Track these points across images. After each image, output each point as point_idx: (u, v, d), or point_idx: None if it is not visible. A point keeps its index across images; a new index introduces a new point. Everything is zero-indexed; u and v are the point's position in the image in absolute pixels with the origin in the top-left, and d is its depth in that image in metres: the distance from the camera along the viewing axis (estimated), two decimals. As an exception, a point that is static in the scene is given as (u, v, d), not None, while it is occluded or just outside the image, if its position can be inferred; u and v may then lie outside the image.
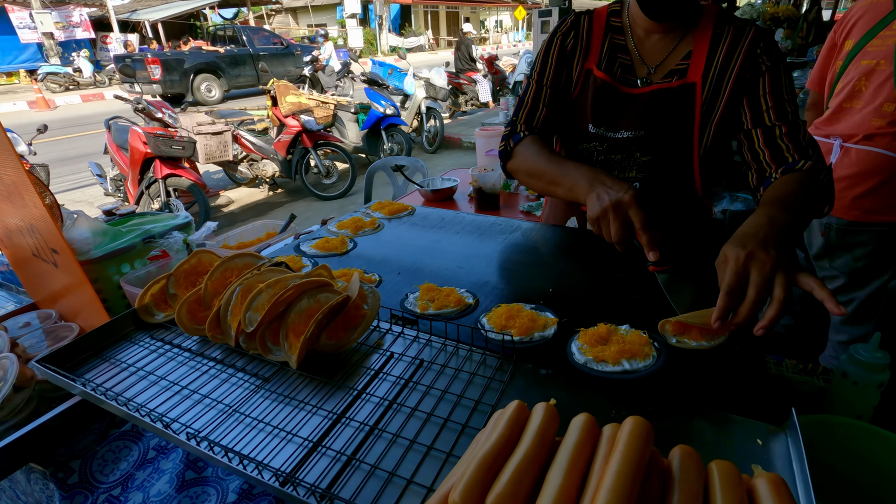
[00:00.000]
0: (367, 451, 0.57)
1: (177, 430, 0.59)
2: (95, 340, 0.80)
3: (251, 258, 0.87)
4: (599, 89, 1.15)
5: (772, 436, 0.56)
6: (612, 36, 1.17)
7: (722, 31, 1.08)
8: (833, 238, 1.70)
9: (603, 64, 1.16)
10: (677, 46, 1.11)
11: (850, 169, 1.61)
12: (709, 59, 1.08)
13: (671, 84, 1.10)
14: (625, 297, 0.89)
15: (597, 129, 1.17)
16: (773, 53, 1.04)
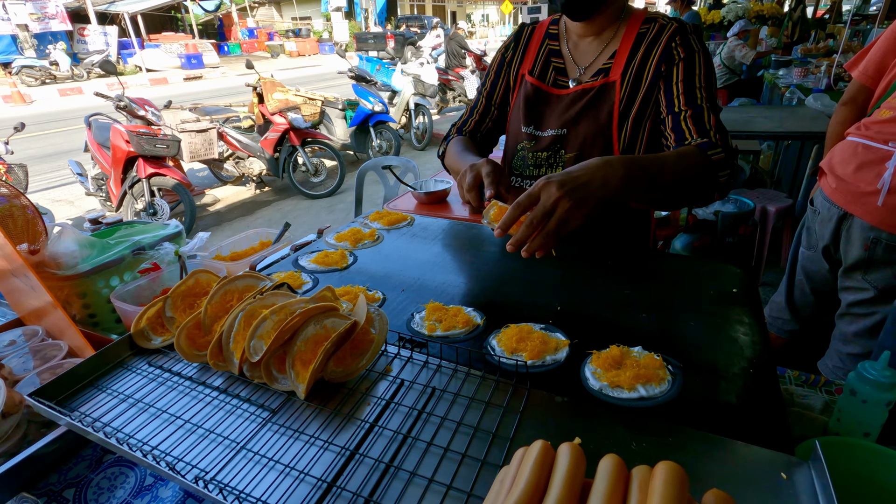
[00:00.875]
0: (384, 491, 0.55)
1: (182, 471, 0.57)
2: (90, 369, 0.76)
3: (252, 279, 0.84)
4: (529, 92, 1.26)
5: (795, 467, 0.56)
6: (549, 42, 1.27)
7: (647, 28, 1.13)
8: (879, 253, 1.60)
9: (536, 69, 1.27)
10: (605, 47, 1.19)
11: None
12: (630, 57, 1.14)
13: (594, 83, 1.17)
14: (634, 316, 0.88)
15: (527, 129, 1.27)
16: (687, 45, 1.09)
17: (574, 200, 0.77)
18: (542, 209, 0.76)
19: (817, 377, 1.06)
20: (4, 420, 0.91)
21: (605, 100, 1.15)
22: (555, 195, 0.76)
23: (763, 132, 3.08)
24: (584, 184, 0.79)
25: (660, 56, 1.10)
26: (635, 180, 0.85)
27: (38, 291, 0.97)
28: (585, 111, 1.18)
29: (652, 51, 1.11)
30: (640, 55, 1.12)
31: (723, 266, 1.03)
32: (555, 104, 1.23)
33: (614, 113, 1.14)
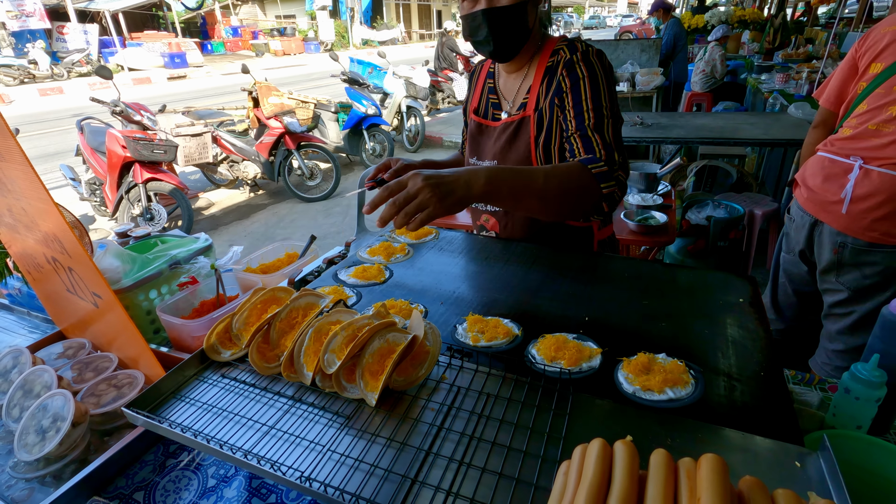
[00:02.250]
0: (461, 484, 0.64)
1: (288, 475, 0.65)
2: (172, 382, 0.83)
3: (312, 297, 0.92)
4: (473, 128, 1.43)
5: (806, 457, 0.66)
6: (488, 80, 1.43)
7: (553, 61, 1.24)
8: (846, 256, 1.75)
9: (480, 106, 1.43)
10: (523, 82, 1.31)
11: (871, 190, 1.65)
12: (539, 91, 1.25)
13: (514, 118, 1.30)
14: (655, 325, 0.98)
15: (472, 159, 1.44)
16: (573, 74, 1.18)
17: (435, 192, 0.87)
18: (405, 193, 0.87)
19: (812, 376, 1.18)
20: (74, 429, 0.97)
21: (523, 132, 1.28)
22: (420, 184, 0.87)
23: (749, 139, 3.23)
24: (447, 182, 0.90)
25: (554, 89, 1.21)
26: (499, 187, 0.96)
27: (104, 311, 1.03)
28: (509, 143, 1.31)
29: (550, 84, 1.23)
30: (545, 88, 1.24)
31: (730, 277, 1.14)
32: (488, 136, 1.38)
33: (531, 144, 1.27)
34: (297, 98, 6.15)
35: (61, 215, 0.88)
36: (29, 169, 0.86)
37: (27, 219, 1.01)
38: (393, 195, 0.88)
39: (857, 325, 1.81)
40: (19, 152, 0.85)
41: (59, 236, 0.93)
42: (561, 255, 1.28)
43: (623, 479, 0.54)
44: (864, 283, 1.75)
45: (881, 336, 0.94)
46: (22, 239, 1.13)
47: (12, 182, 0.96)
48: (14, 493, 0.93)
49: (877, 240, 1.67)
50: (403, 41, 32.04)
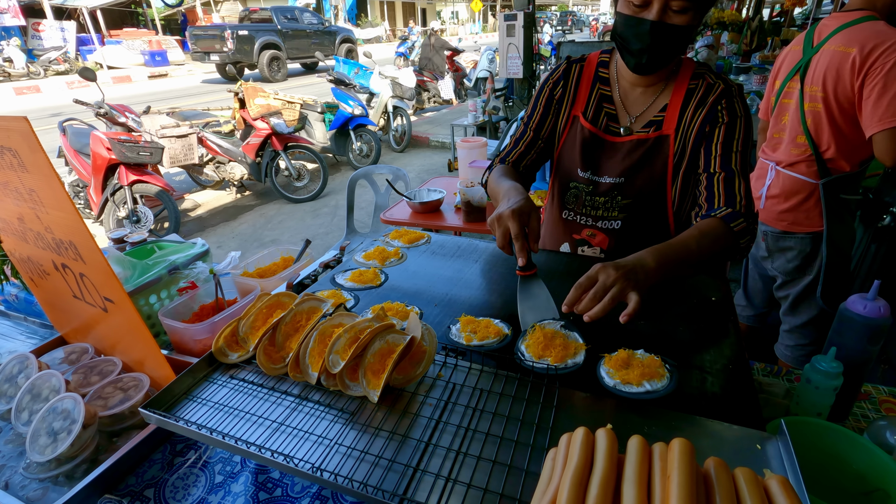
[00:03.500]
0: (458, 472, 0.70)
1: (300, 466, 0.71)
2: (183, 383, 0.88)
3: (314, 302, 0.97)
4: (586, 137, 1.31)
5: (766, 441, 0.74)
6: (600, 86, 1.32)
7: (696, 85, 1.22)
8: (770, 243, 2.06)
9: (590, 113, 1.32)
10: (656, 99, 1.26)
11: (779, 189, 1.97)
12: (681, 112, 1.22)
13: (648, 135, 1.25)
14: (634, 323, 1.05)
15: (584, 174, 1.34)
16: (732, 110, 1.18)
17: (630, 280, 0.91)
18: (602, 286, 0.90)
19: (780, 368, 1.27)
20: (84, 431, 1.01)
21: (661, 152, 1.23)
22: (613, 275, 0.90)
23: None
24: (632, 268, 0.93)
25: (705, 115, 1.18)
26: (669, 267, 0.99)
27: (113, 315, 1.07)
28: (643, 162, 1.25)
29: (699, 109, 1.19)
30: (689, 112, 1.20)
31: (702, 277, 1.22)
32: (611, 151, 1.29)
33: (668, 165, 1.23)
34: (284, 98, 6.15)
35: (83, 224, 0.92)
36: (55, 181, 0.90)
37: (40, 226, 1.05)
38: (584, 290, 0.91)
39: (793, 305, 2.07)
40: (47, 164, 0.90)
41: (76, 243, 0.97)
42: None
43: (604, 462, 0.61)
44: (789, 266, 2.02)
45: (838, 330, 1.03)
46: (29, 246, 1.16)
47: (32, 192, 1.00)
48: (28, 492, 0.97)
49: (786, 228, 1.98)
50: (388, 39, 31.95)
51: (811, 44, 1.87)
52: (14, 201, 1.08)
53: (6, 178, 1.04)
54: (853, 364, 1.01)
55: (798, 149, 1.90)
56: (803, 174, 1.90)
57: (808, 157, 1.87)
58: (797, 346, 2.11)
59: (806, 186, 1.90)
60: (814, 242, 1.94)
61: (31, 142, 0.88)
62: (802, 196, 1.91)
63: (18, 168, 0.97)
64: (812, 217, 1.92)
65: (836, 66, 1.73)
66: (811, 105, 1.84)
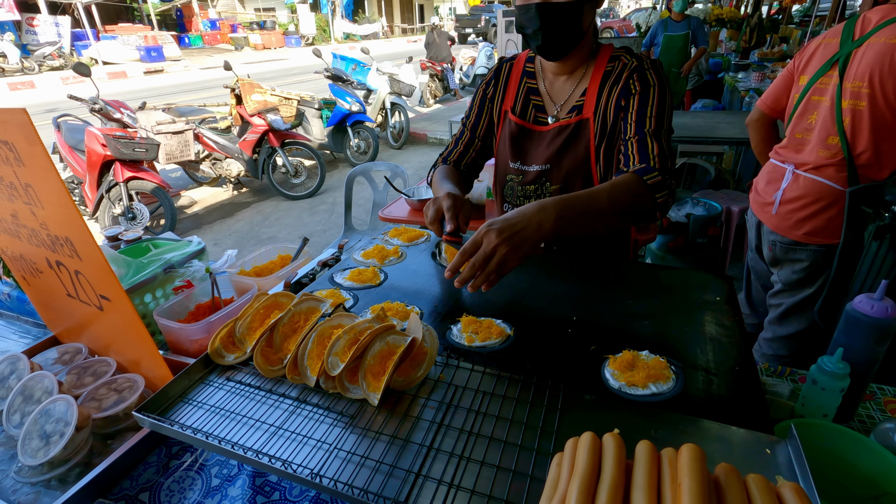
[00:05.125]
0: (461, 477, 0.69)
1: (299, 472, 0.69)
2: (179, 386, 0.86)
3: (313, 302, 0.95)
4: (514, 130, 1.38)
5: (775, 444, 0.72)
6: (527, 80, 1.39)
7: (613, 66, 1.26)
8: (778, 253, 1.94)
9: (518, 107, 1.38)
10: (577, 85, 1.30)
11: (798, 193, 1.82)
12: (599, 95, 1.26)
13: (570, 120, 1.29)
14: (638, 324, 1.04)
15: (514, 164, 1.39)
16: (644, 80, 1.21)
17: (511, 246, 0.89)
18: (482, 254, 0.89)
19: (783, 368, 1.26)
20: (78, 433, 0.99)
21: (582, 136, 1.28)
22: (494, 242, 0.88)
23: (727, 138, 3.33)
24: (520, 230, 0.91)
25: (620, 91, 1.23)
26: (569, 219, 0.97)
27: (108, 313, 1.05)
28: (565, 147, 1.30)
29: (614, 87, 1.24)
30: (605, 92, 1.25)
31: (708, 277, 1.21)
32: (537, 140, 1.35)
33: (591, 147, 1.27)
34: (281, 95, 6.10)
35: (81, 219, 0.90)
36: (53, 174, 0.88)
37: (35, 223, 1.02)
38: (469, 256, 0.89)
39: (784, 315, 1.99)
40: (45, 158, 0.87)
41: (73, 239, 0.95)
42: (547, 258, 1.33)
43: (612, 468, 0.59)
44: (793, 277, 1.92)
45: (845, 330, 1.01)
46: (22, 244, 1.13)
47: (28, 187, 0.97)
48: (21, 497, 0.95)
49: (800, 239, 1.84)
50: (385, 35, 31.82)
51: (851, 37, 1.70)
52: (8, 197, 1.06)
53: (1, 172, 1.01)
54: (859, 365, 1.00)
55: (828, 151, 1.73)
56: (831, 179, 1.73)
57: (838, 161, 1.70)
58: (773, 357, 2.04)
59: (831, 193, 1.74)
60: (825, 256, 1.81)
61: (28, 134, 0.86)
62: (825, 203, 1.76)
63: (14, 162, 0.95)
64: (831, 228, 1.77)
65: (887, 59, 1.57)
66: (852, 102, 1.66)
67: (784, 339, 2.01)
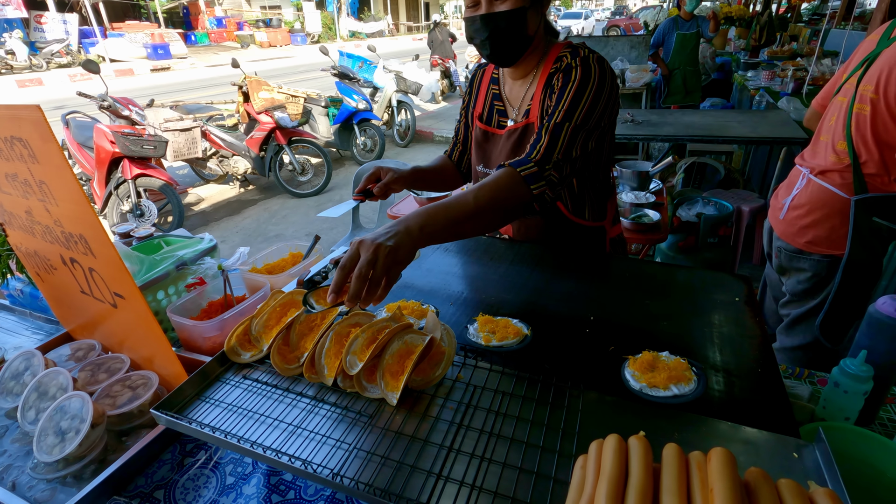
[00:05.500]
0: (483, 479, 0.68)
1: (320, 472, 0.68)
2: (195, 384, 0.86)
3: (329, 300, 0.94)
4: (479, 135, 1.44)
5: (802, 448, 0.71)
6: (492, 86, 1.43)
7: (557, 67, 1.24)
8: (783, 260, 1.87)
9: (485, 113, 1.43)
10: (528, 89, 1.32)
11: (805, 199, 1.75)
12: (543, 97, 1.27)
13: (519, 124, 1.32)
14: (656, 324, 1.02)
15: (479, 167, 1.45)
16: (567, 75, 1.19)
17: (389, 249, 0.83)
18: (365, 260, 0.81)
19: (802, 370, 1.24)
20: (93, 430, 0.99)
21: (527, 139, 1.29)
22: (371, 246, 0.82)
23: (738, 137, 3.30)
24: (392, 235, 0.86)
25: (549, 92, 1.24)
26: (436, 224, 0.94)
27: (123, 311, 1.05)
28: (514, 150, 1.32)
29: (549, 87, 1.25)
30: (547, 93, 1.25)
31: (726, 276, 1.19)
32: (494, 143, 1.40)
33: None
34: (288, 92, 6.10)
35: (95, 216, 0.89)
36: (67, 171, 0.87)
37: (49, 220, 1.02)
38: (349, 271, 0.82)
39: (790, 325, 1.92)
40: (59, 155, 0.86)
41: (87, 237, 0.95)
42: (562, 256, 1.32)
43: (640, 472, 0.58)
44: (798, 287, 1.85)
45: (867, 333, 1.00)
46: (36, 240, 1.13)
47: (42, 184, 0.97)
48: (36, 493, 0.95)
49: (803, 247, 1.77)
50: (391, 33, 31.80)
51: (888, 35, 1.61)
52: (22, 194, 1.05)
53: (15, 168, 1.01)
54: (882, 367, 0.98)
55: (836, 156, 1.66)
56: (836, 186, 1.65)
57: (844, 167, 1.63)
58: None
59: (835, 200, 1.66)
60: (830, 268, 1.72)
61: (43, 131, 0.85)
62: (828, 211, 1.68)
63: (29, 159, 0.94)
64: (834, 239, 1.68)
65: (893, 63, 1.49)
66: (859, 107, 1.59)
67: (790, 351, 1.94)
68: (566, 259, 1.31)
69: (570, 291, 1.15)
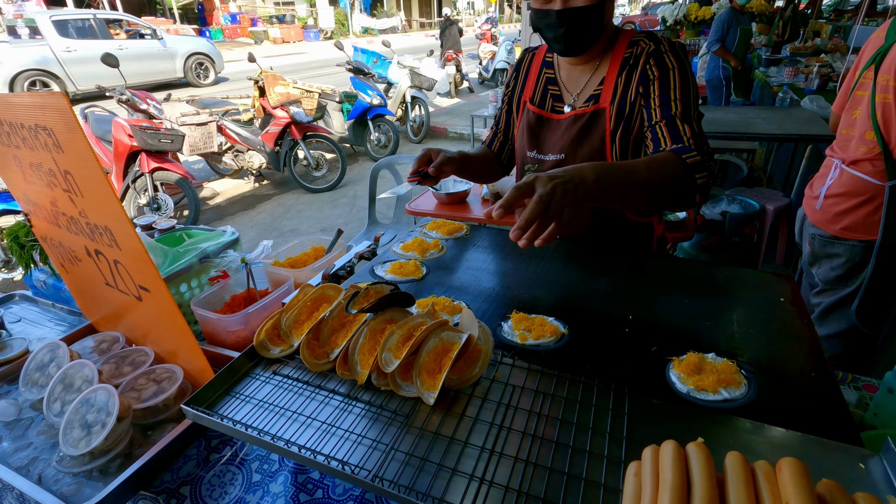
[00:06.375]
0: (529, 484, 0.64)
1: (358, 474, 0.65)
2: (224, 379, 0.83)
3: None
4: (531, 119, 1.37)
5: (868, 459, 0.67)
6: (546, 70, 1.38)
7: (631, 52, 1.21)
8: (816, 247, 1.92)
9: (536, 97, 1.38)
10: (594, 74, 1.27)
11: (839, 188, 1.81)
12: (616, 83, 1.22)
13: (587, 109, 1.26)
14: (699, 324, 0.98)
15: (531, 153, 1.38)
16: (661, 64, 1.16)
17: (567, 189, 0.81)
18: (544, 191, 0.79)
19: (845, 374, 1.19)
20: (119, 424, 0.97)
21: (597, 125, 1.24)
22: (549, 181, 0.80)
23: (762, 134, 3.22)
24: (569, 178, 0.83)
25: (638, 78, 1.18)
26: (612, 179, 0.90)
27: (147, 304, 1.03)
28: (581, 136, 1.27)
29: (632, 74, 1.20)
30: (623, 80, 1.21)
31: (766, 275, 1.14)
32: (554, 129, 1.33)
33: (606, 137, 1.23)
34: (303, 87, 6.09)
35: (120, 208, 0.87)
36: (92, 162, 0.85)
37: (74, 210, 1.00)
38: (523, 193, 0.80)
39: (823, 314, 1.95)
40: (84, 145, 0.84)
41: (112, 228, 0.93)
42: (594, 253, 1.28)
43: (704, 482, 0.55)
44: (831, 275, 1.89)
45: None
46: (61, 231, 1.12)
47: (67, 174, 0.95)
48: (63, 487, 0.93)
49: (838, 233, 1.83)
50: (404, 29, 31.75)
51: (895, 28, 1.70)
52: (47, 184, 1.04)
53: (40, 158, 0.99)
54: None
55: (866, 146, 1.73)
56: (868, 174, 1.73)
57: (875, 155, 1.70)
58: None
59: (869, 188, 1.73)
60: (864, 252, 1.79)
61: (68, 120, 0.83)
62: (864, 198, 1.75)
63: (53, 148, 0.93)
64: (869, 224, 1.76)
65: None
66: (882, 96, 1.67)
67: (824, 340, 1.96)
68: (596, 257, 1.26)
69: (605, 289, 1.11)
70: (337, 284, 0.97)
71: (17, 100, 0.99)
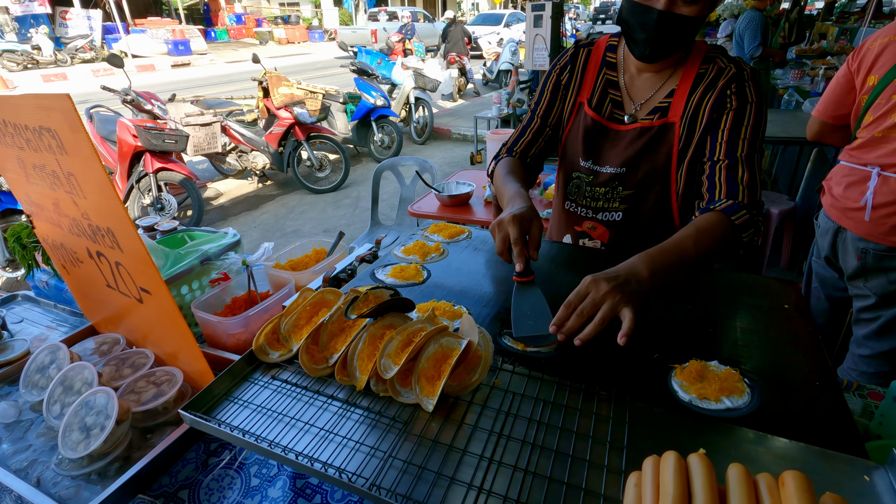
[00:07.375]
0: (528, 494, 0.64)
1: (356, 482, 0.64)
2: (223, 384, 0.83)
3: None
4: (589, 126, 1.26)
5: (873, 471, 0.66)
6: (607, 72, 1.26)
7: (706, 69, 1.15)
8: (869, 262, 1.78)
9: (594, 99, 1.26)
10: (663, 84, 1.19)
11: (891, 196, 1.68)
12: (689, 98, 1.15)
13: (653, 123, 1.19)
14: (701, 331, 0.97)
15: (585, 163, 1.29)
16: (742, 94, 1.11)
17: (623, 294, 0.83)
18: (590, 301, 0.82)
19: (850, 382, 1.17)
20: (118, 427, 0.97)
21: (665, 140, 1.17)
22: (604, 289, 0.82)
23: (770, 137, 3.20)
24: (625, 280, 0.84)
25: (714, 101, 1.12)
26: (663, 271, 0.90)
27: (148, 306, 1.03)
28: (645, 151, 1.19)
29: (707, 94, 1.13)
30: (696, 97, 1.13)
31: (770, 281, 1.13)
32: (613, 140, 1.24)
33: (673, 155, 1.17)
34: (307, 88, 6.10)
35: (123, 210, 0.87)
36: (96, 164, 0.85)
37: (77, 212, 1.00)
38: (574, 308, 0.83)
39: (884, 329, 1.82)
40: (88, 146, 0.84)
41: (115, 230, 0.92)
42: (593, 258, 1.27)
43: (705, 494, 0.54)
44: (891, 288, 1.76)
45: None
46: (63, 233, 1.12)
47: (70, 176, 0.95)
48: (61, 489, 0.93)
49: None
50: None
51: None
52: (50, 186, 1.04)
53: (43, 160, 0.99)
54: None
55: None
56: None
57: None
58: (876, 375, 1.86)
59: None
60: None
61: (72, 121, 0.83)
62: None
63: (57, 150, 0.93)
64: None
65: None
66: None
67: (887, 354, 1.85)
68: (595, 261, 1.25)
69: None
70: (337, 289, 0.97)
71: (21, 101, 0.99)
